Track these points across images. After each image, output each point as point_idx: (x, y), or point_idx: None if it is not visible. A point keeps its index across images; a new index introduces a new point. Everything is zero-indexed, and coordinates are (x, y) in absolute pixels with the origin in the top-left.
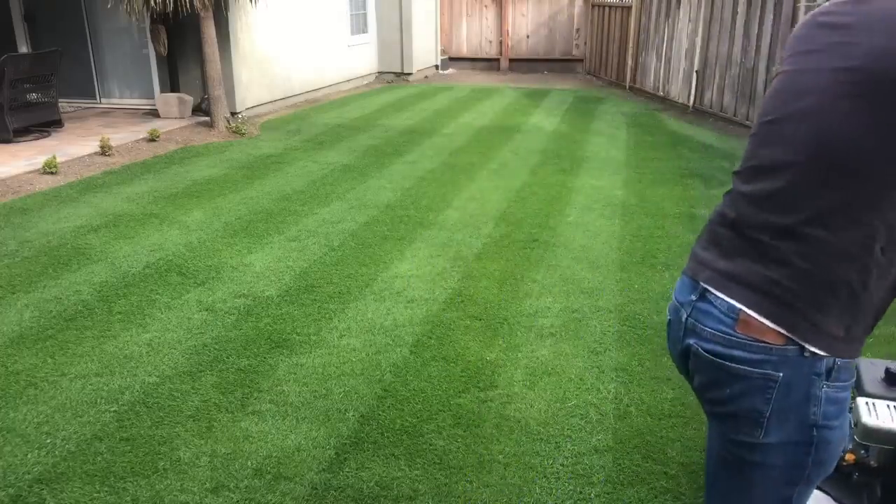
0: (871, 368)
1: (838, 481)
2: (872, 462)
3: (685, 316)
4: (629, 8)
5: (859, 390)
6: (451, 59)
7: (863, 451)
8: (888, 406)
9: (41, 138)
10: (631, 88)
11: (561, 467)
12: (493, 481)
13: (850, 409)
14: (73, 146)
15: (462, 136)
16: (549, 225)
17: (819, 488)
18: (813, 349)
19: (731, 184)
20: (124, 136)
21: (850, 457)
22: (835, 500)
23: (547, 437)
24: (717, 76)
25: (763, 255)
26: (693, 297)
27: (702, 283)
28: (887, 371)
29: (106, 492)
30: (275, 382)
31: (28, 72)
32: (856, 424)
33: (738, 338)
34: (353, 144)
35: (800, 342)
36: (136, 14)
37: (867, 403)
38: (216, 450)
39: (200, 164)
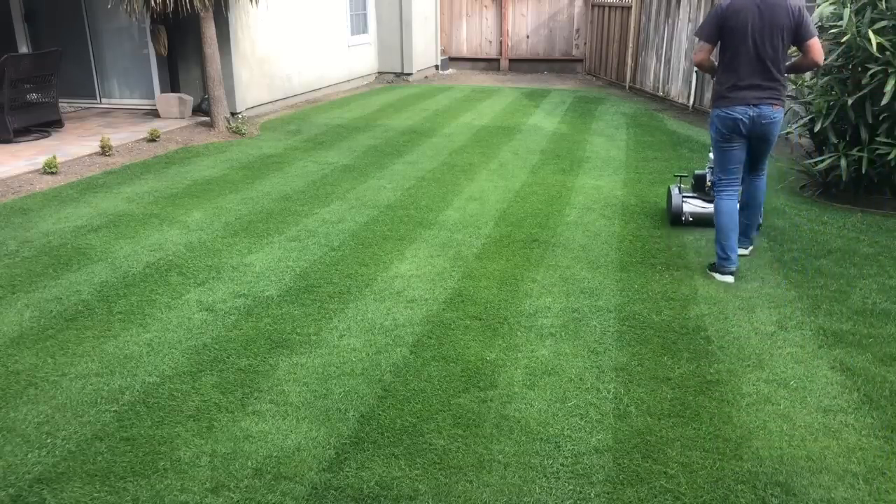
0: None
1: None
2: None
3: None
4: (629, 8)
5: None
6: (451, 59)
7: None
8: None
9: (41, 138)
10: (631, 88)
11: (561, 467)
12: (493, 481)
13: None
14: (73, 146)
15: (462, 136)
16: (549, 225)
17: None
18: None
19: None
20: (124, 136)
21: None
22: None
23: (547, 437)
24: None
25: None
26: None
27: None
28: (695, 176)
29: (106, 492)
30: (275, 382)
31: (28, 72)
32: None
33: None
34: (353, 144)
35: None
36: (136, 14)
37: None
38: (216, 450)
39: (201, 164)
